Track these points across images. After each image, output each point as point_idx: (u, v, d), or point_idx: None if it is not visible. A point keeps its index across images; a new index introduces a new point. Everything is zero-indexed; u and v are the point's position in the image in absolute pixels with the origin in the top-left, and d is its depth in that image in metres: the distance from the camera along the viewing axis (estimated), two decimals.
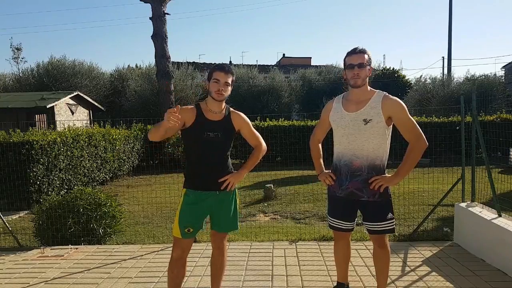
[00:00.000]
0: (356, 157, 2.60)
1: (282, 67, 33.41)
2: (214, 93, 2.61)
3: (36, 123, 13.75)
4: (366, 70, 2.56)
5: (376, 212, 2.63)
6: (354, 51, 2.57)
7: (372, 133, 2.56)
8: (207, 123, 2.65)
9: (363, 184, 2.60)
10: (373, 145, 2.57)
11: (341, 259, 2.93)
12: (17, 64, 23.80)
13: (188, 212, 2.66)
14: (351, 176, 2.63)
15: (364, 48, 2.58)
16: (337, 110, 2.72)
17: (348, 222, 2.75)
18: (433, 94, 19.27)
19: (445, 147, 11.78)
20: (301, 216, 6.51)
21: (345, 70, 2.62)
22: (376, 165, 2.59)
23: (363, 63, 2.54)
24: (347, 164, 2.64)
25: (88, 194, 5.00)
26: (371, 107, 2.57)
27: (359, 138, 2.59)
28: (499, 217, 3.80)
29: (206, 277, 3.55)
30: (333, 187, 2.75)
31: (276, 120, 13.70)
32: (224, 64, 2.70)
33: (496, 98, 17.44)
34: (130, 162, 11.89)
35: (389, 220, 2.64)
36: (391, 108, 2.55)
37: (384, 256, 2.73)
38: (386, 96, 2.59)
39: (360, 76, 2.54)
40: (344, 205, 2.71)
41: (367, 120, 2.56)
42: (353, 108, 2.62)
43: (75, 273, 3.80)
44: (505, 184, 5.41)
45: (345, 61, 2.61)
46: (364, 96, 2.62)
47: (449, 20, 26.80)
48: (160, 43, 13.55)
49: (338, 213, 2.75)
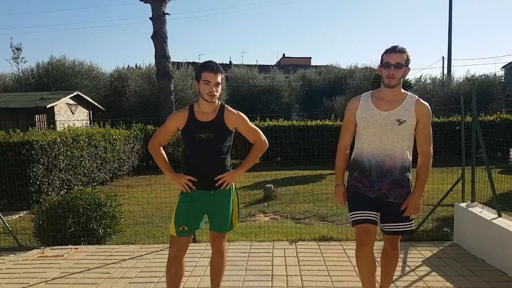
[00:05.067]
0: (389, 157, 2.54)
1: (282, 67, 33.36)
2: (206, 95, 2.58)
3: (36, 123, 13.74)
4: (403, 70, 2.49)
5: (400, 212, 2.58)
6: (394, 50, 2.48)
7: (404, 134, 2.53)
8: (198, 125, 2.64)
9: (393, 185, 2.55)
10: (403, 146, 2.55)
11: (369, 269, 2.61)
12: (17, 64, 23.82)
13: (183, 211, 2.69)
14: (383, 177, 2.56)
15: (404, 48, 2.50)
16: (366, 108, 2.60)
17: (375, 212, 2.60)
18: (433, 94, 19.27)
19: (445, 147, 11.77)
20: (301, 216, 6.51)
21: (381, 67, 2.53)
22: (405, 167, 2.58)
23: (400, 63, 2.46)
24: (379, 165, 2.56)
25: (88, 194, 5.00)
26: (405, 109, 2.52)
27: (392, 138, 2.53)
28: (499, 217, 3.80)
29: (206, 277, 3.54)
30: (363, 185, 2.61)
31: (276, 120, 13.69)
32: (212, 62, 2.60)
33: (496, 98, 17.46)
34: (130, 162, 11.89)
35: (411, 221, 2.64)
36: (422, 113, 2.53)
37: (394, 258, 2.71)
38: (419, 100, 2.57)
39: (396, 76, 2.47)
40: (371, 201, 2.60)
41: (401, 121, 2.51)
42: (386, 107, 2.55)
43: (75, 273, 3.80)
44: (505, 184, 5.41)
45: (382, 58, 2.53)
46: (397, 96, 2.56)
47: (449, 20, 26.83)
48: (160, 43, 13.53)
49: (366, 205, 2.58)
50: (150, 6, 13.65)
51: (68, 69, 19.71)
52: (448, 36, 27.56)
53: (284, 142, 12.28)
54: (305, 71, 26.76)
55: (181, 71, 19.15)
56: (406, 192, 2.58)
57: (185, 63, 21.66)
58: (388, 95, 2.56)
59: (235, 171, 2.75)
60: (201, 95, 2.63)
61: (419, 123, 2.55)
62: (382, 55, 2.55)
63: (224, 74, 2.73)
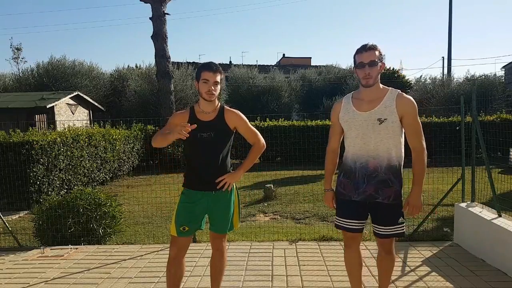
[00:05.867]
0: (373, 158, 2.48)
1: (282, 67, 33.37)
2: (205, 93, 2.61)
3: (36, 123, 13.74)
4: (378, 67, 2.44)
5: (388, 215, 2.53)
6: (364, 48, 2.44)
7: (388, 132, 2.46)
8: (199, 124, 2.65)
9: (380, 185, 2.49)
10: (388, 145, 2.47)
11: (356, 267, 2.72)
12: (17, 64, 23.84)
13: (184, 211, 2.70)
14: (368, 179, 2.50)
15: (374, 44, 2.46)
16: (347, 110, 2.57)
17: (361, 220, 2.61)
18: (433, 94, 19.27)
19: (445, 147, 11.78)
20: (301, 216, 6.51)
21: (356, 69, 2.50)
22: (392, 166, 2.49)
23: (374, 61, 2.41)
24: (364, 167, 2.51)
25: (88, 194, 5.00)
26: (385, 106, 2.46)
27: (375, 138, 2.47)
28: (499, 217, 3.80)
29: (206, 277, 3.55)
30: (347, 191, 2.59)
31: (276, 120, 13.69)
32: (211, 63, 2.65)
33: (496, 98, 17.44)
34: (130, 162, 11.89)
35: (400, 224, 2.55)
36: (404, 107, 2.45)
37: (389, 262, 2.68)
38: (400, 94, 2.50)
39: (372, 75, 2.43)
40: (358, 208, 2.58)
41: (382, 120, 2.44)
42: (365, 107, 2.50)
43: (75, 273, 3.80)
44: (505, 184, 5.41)
45: (355, 59, 2.48)
46: (377, 94, 2.50)
47: (449, 20, 26.82)
48: (160, 43, 13.54)
49: (351, 214, 2.60)
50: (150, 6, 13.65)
51: (68, 69, 19.73)
52: (448, 36, 27.64)
53: (284, 142, 12.29)
54: (305, 71, 26.75)
55: (181, 71, 19.16)
56: (394, 191, 2.50)
57: (185, 63, 21.66)
58: (368, 94, 2.52)
59: (234, 173, 2.75)
60: (200, 94, 2.65)
61: (404, 118, 2.47)
62: (354, 56, 2.52)
63: (224, 75, 2.75)
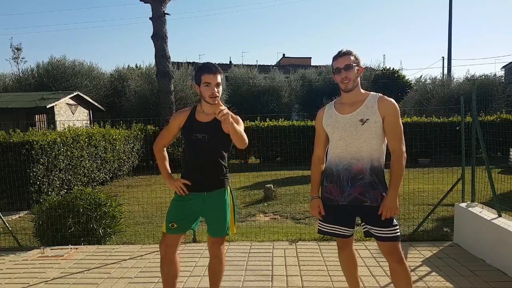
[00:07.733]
0: (357, 160, 2.48)
1: (282, 67, 33.39)
2: (208, 97, 2.58)
3: (36, 123, 13.75)
4: (354, 70, 2.48)
5: (379, 217, 2.47)
6: (339, 55, 2.50)
7: (370, 133, 2.46)
8: (196, 125, 2.66)
9: (366, 188, 2.46)
10: (371, 146, 2.47)
11: (351, 268, 2.74)
12: (17, 64, 23.88)
13: (175, 209, 2.74)
14: (353, 181, 2.48)
15: (349, 50, 2.51)
16: (330, 114, 2.61)
17: (349, 228, 2.58)
18: (433, 94, 19.25)
19: (445, 147, 11.78)
20: (301, 216, 6.51)
21: (334, 75, 2.55)
22: (375, 167, 2.48)
23: (349, 65, 2.46)
24: (347, 169, 2.50)
25: (88, 194, 5.00)
26: (367, 107, 2.48)
27: (358, 139, 2.47)
28: (499, 217, 3.80)
29: (206, 277, 3.54)
30: (333, 195, 2.57)
31: (276, 120, 13.69)
32: (210, 64, 2.62)
33: (496, 98, 17.45)
34: (130, 162, 11.89)
35: (394, 227, 2.49)
36: (386, 109, 2.46)
37: (404, 273, 2.52)
38: (382, 97, 2.52)
39: (350, 78, 2.47)
40: (346, 213, 2.54)
41: (364, 120, 2.46)
42: (348, 110, 2.53)
43: (75, 273, 3.81)
44: (505, 184, 5.40)
45: (332, 66, 2.54)
46: (358, 97, 2.54)
47: (449, 20, 26.80)
48: (160, 43, 13.55)
49: (340, 220, 2.57)
50: (150, 6, 13.66)
51: (68, 69, 19.74)
52: (448, 36, 27.57)
53: (284, 142, 12.29)
54: (305, 71, 26.76)
55: (181, 71, 19.16)
56: (380, 193, 2.47)
57: (185, 63, 21.66)
58: (349, 97, 2.55)
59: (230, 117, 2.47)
60: (203, 98, 2.63)
61: (385, 120, 2.46)
62: (331, 64, 2.57)
63: (223, 74, 2.74)
